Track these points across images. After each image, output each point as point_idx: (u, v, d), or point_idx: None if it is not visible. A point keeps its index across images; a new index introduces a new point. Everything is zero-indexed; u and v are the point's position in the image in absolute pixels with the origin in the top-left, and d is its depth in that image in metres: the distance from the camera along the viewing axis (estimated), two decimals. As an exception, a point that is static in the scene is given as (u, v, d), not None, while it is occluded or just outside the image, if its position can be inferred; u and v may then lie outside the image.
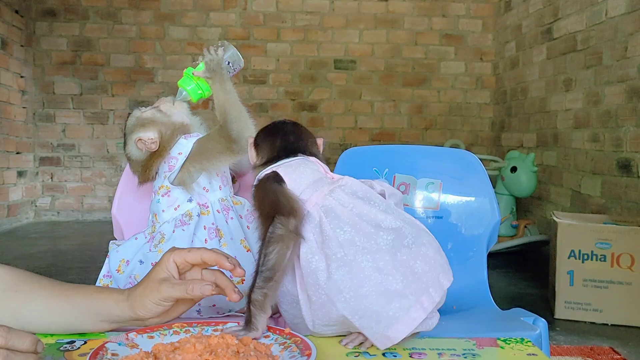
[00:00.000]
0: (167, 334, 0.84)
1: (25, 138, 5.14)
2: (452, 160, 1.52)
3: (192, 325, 0.86)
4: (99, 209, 5.40)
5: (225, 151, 1.38)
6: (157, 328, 0.85)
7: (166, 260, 0.89)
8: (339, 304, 0.83)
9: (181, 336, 0.83)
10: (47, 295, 0.89)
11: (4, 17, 4.75)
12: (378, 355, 0.84)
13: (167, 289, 0.86)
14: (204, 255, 0.90)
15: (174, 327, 0.86)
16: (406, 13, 5.48)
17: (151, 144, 1.40)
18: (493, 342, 0.89)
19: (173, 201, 1.40)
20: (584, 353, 2.07)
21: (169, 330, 0.85)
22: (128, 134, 1.45)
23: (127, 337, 0.80)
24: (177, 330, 0.85)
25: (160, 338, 0.82)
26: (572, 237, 2.51)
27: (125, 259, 1.37)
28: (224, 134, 1.38)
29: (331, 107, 5.51)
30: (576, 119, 3.81)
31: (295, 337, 0.82)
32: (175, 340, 0.81)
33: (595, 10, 3.54)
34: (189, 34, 5.40)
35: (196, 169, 1.39)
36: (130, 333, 0.82)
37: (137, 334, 0.82)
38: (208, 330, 0.86)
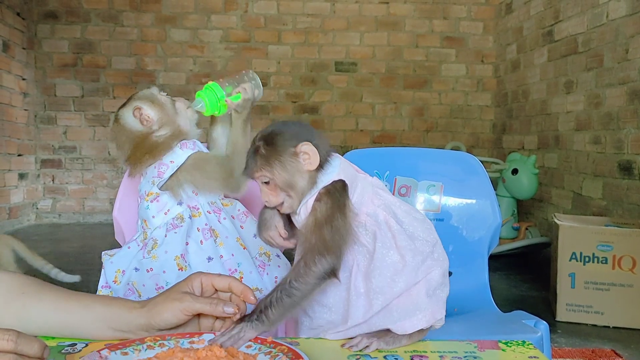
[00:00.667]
0: (141, 349, 0.80)
1: (26, 140, 5.14)
2: (453, 163, 1.53)
3: (166, 339, 0.83)
4: (100, 211, 5.40)
5: (220, 180, 1.40)
6: (130, 343, 0.81)
7: (193, 278, 0.90)
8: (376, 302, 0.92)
9: (156, 350, 0.80)
10: (57, 298, 0.89)
11: (6, 20, 4.76)
12: (379, 357, 0.84)
13: (191, 300, 0.85)
14: (232, 283, 0.91)
15: (147, 341, 0.82)
16: (407, 15, 5.49)
17: (145, 121, 1.41)
18: (494, 344, 0.89)
19: (162, 206, 1.40)
20: (586, 356, 2.06)
21: (143, 345, 0.81)
22: (133, 99, 1.46)
23: (100, 355, 0.77)
24: (151, 344, 0.81)
25: (135, 354, 0.79)
26: (573, 240, 2.51)
27: (121, 269, 1.38)
28: (226, 165, 1.39)
29: (332, 109, 5.52)
30: (577, 121, 3.80)
31: (281, 346, 0.79)
32: (152, 354, 0.78)
33: (596, 12, 3.54)
34: (190, 36, 5.41)
35: (187, 182, 1.40)
36: (103, 350, 0.78)
37: (109, 350, 0.78)
38: (184, 342, 0.82)
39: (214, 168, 1.40)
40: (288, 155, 0.96)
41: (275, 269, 1.43)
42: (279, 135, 0.97)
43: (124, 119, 1.47)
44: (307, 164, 0.97)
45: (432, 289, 0.94)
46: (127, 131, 1.45)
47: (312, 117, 5.49)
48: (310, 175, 0.97)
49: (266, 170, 0.96)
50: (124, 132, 1.46)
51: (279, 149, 0.96)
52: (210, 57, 5.42)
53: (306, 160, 0.96)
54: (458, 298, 1.05)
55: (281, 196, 0.96)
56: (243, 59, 5.43)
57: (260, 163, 0.96)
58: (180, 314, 0.85)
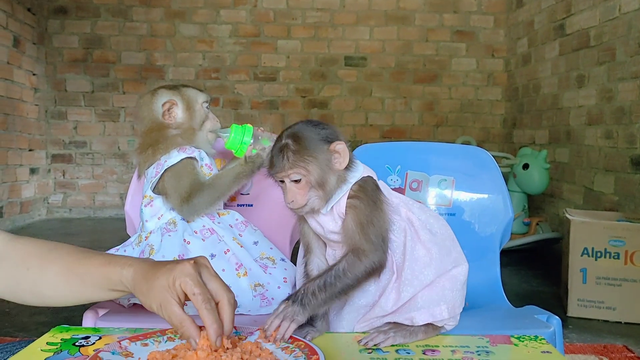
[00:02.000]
0: (161, 340, 0.81)
1: (37, 135, 5.18)
2: (465, 157, 1.52)
3: None
4: (110, 206, 5.43)
5: (179, 199, 1.39)
6: (151, 335, 0.82)
7: (175, 277, 0.78)
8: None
9: (176, 342, 0.80)
10: (57, 272, 0.90)
11: (17, 15, 4.79)
12: (391, 352, 0.84)
13: (162, 310, 0.78)
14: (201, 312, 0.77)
15: (168, 332, 0.83)
16: (417, 9, 5.46)
17: (168, 116, 1.46)
18: (507, 339, 0.88)
19: (156, 211, 1.42)
20: (597, 351, 2.05)
21: (163, 337, 0.82)
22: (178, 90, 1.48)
23: (120, 346, 0.78)
24: (172, 336, 0.82)
25: (155, 345, 0.80)
26: (585, 235, 2.49)
27: None
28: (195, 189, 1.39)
29: (342, 104, 5.50)
30: (589, 115, 3.77)
31: (298, 341, 0.80)
32: (171, 347, 0.78)
33: (609, 5, 3.51)
34: (199, 31, 5.41)
35: (168, 185, 1.40)
36: (124, 341, 0.79)
37: (130, 341, 0.79)
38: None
39: (184, 184, 1.40)
40: (322, 153, 0.95)
41: (282, 271, 1.42)
42: (310, 133, 0.96)
43: (155, 100, 1.49)
44: (338, 163, 0.97)
45: (456, 284, 0.98)
46: (150, 110, 1.47)
47: (321, 111, 5.49)
48: (339, 174, 0.97)
49: (300, 167, 0.94)
50: (148, 109, 1.48)
51: (313, 146, 0.95)
52: (220, 52, 5.42)
53: (337, 159, 0.96)
54: (470, 293, 1.05)
55: (308, 196, 0.95)
56: (252, 54, 5.43)
57: (293, 160, 0.94)
58: (158, 314, 0.80)
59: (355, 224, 0.95)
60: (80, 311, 1.22)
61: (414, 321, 0.94)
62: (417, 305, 0.95)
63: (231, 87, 5.42)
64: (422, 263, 0.97)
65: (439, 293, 0.97)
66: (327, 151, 0.96)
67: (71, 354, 0.79)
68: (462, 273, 1.00)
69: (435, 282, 0.97)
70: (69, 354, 0.79)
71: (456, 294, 0.98)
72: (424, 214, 1.04)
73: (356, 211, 0.96)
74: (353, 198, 0.97)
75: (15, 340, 1.01)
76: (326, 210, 0.98)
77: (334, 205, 0.98)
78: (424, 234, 1.00)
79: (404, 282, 0.96)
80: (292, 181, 0.95)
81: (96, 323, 1.20)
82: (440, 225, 1.04)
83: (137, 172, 1.52)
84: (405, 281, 0.96)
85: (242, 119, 5.39)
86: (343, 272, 0.92)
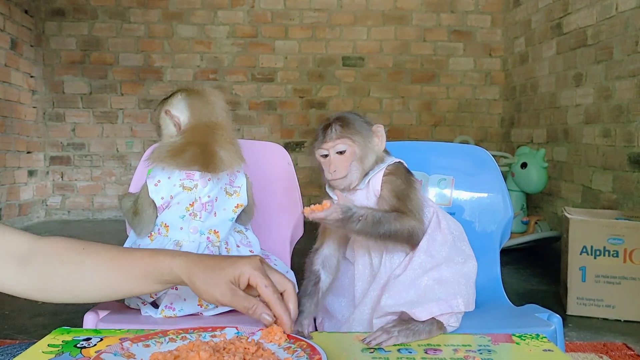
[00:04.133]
0: (163, 341, 0.81)
1: (35, 137, 5.17)
2: (464, 157, 1.52)
3: (189, 332, 0.84)
4: (109, 208, 5.43)
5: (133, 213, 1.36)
6: (153, 336, 0.82)
7: (243, 271, 0.86)
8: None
9: (178, 343, 0.80)
10: (96, 263, 0.90)
11: (14, 18, 4.78)
12: (393, 351, 0.84)
13: (229, 298, 0.85)
14: (272, 303, 0.85)
15: (170, 334, 0.83)
16: (414, 9, 5.46)
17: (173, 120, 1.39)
18: (508, 338, 0.88)
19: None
20: (597, 349, 2.06)
21: (165, 338, 0.82)
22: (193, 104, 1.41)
23: (122, 347, 0.78)
24: (174, 337, 0.82)
25: (157, 346, 0.80)
26: (584, 233, 2.50)
27: None
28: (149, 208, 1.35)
29: (339, 104, 5.51)
30: (587, 114, 3.78)
31: (300, 342, 0.80)
32: (173, 347, 0.78)
33: (606, 4, 3.52)
34: (197, 32, 5.41)
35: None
36: (125, 342, 0.79)
37: (131, 343, 0.79)
38: (205, 336, 0.83)
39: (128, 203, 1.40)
40: (365, 131, 1.07)
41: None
42: (354, 116, 1.09)
43: (161, 123, 1.44)
44: (377, 145, 1.08)
45: (469, 280, 1.04)
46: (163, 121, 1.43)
47: (319, 112, 5.49)
48: (377, 157, 1.08)
49: (347, 138, 1.05)
50: (160, 135, 1.44)
51: (357, 125, 1.07)
52: (217, 52, 5.42)
53: (377, 141, 1.08)
54: (470, 292, 1.06)
55: (349, 168, 1.04)
56: (250, 55, 5.43)
57: (341, 132, 1.05)
58: (216, 303, 0.87)
59: (392, 195, 1.04)
60: (80, 313, 1.22)
61: (432, 311, 0.96)
62: (435, 296, 0.98)
63: (229, 88, 5.42)
64: (439, 243, 1.04)
65: (455, 287, 1.01)
66: (370, 131, 1.08)
67: (73, 356, 0.79)
68: (472, 270, 1.05)
69: (450, 278, 1.01)
70: (70, 355, 0.79)
71: (470, 290, 1.03)
72: (440, 210, 1.12)
73: (392, 185, 1.04)
74: (388, 175, 1.06)
75: (16, 343, 1.01)
76: (363, 185, 1.06)
77: (370, 180, 1.06)
78: (444, 224, 1.07)
79: (424, 268, 1.02)
80: (337, 153, 1.05)
81: (97, 324, 1.20)
82: (457, 227, 1.11)
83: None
84: (420, 254, 1.03)
85: (240, 120, 5.39)
86: (395, 219, 1.00)
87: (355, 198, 1.06)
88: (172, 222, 1.33)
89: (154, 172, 1.34)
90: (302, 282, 1.08)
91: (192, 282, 0.87)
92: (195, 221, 1.33)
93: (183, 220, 1.32)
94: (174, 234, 1.32)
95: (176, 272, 0.88)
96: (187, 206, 1.32)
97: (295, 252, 1.60)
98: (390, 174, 1.06)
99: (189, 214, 1.32)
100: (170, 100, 1.40)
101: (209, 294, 0.86)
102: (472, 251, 1.09)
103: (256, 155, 1.55)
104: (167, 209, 1.33)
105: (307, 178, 5.48)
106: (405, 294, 0.98)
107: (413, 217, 1.02)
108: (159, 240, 1.32)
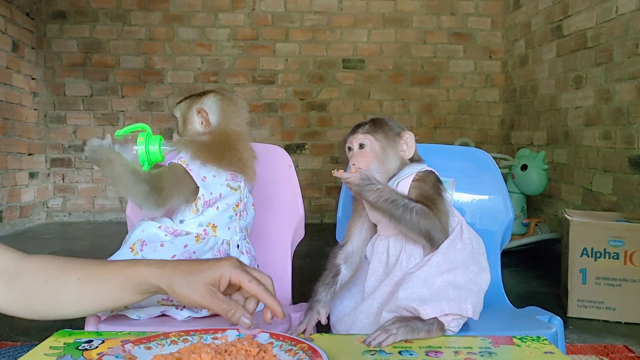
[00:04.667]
0: (165, 344, 0.81)
1: (36, 140, 5.17)
2: (465, 159, 1.52)
3: (190, 334, 0.84)
4: (109, 210, 5.43)
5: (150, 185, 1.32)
6: (154, 338, 0.82)
7: (223, 272, 0.87)
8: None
9: (179, 346, 0.80)
10: (77, 280, 0.91)
11: (15, 20, 4.79)
12: (394, 353, 0.84)
13: (209, 300, 0.86)
14: (260, 294, 0.87)
15: (171, 336, 0.83)
16: (415, 12, 5.47)
17: (205, 123, 1.41)
18: (509, 340, 0.88)
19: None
20: (598, 351, 2.06)
21: (167, 340, 0.82)
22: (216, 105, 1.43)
23: (124, 349, 0.77)
24: (175, 339, 0.82)
25: (159, 349, 0.80)
26: (584, 235, 2.50)
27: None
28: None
29: (340, 106, 5.51)
30: (587, 116, 3.78)
31: (301, 344, 0.80)
32: (175, 350, 0.79)
33: (606, 7, 3.52)
34: (197, 34, 5.42)
35: None
36: (127, 344, 0.79)
37: (133, 345, 0.79)
38: (207, 338, 0.83)
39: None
40: (392, 134, 1.13)
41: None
42: (387, 121, 1.16)
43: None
44: (404, 151, 1.13)
45: (480, 291, 1.06)
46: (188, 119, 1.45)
47: (320, 114, 5.49)
48: (402, 162, 1.13)
49: (370, 135, 1.12)
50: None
51: (387, 128, 1.14)
52: (218, 55, 5.42)
53: (404, 147, 1.13)
54: (471, 294, 1.06)
55: (369, 165, 1.09)
56: (251, 57, 5.44)
57: (367, 129, 1.13)
58: (196, 306, 0.88)
59: (418, 197, 1.07)
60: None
61: (443, 309, 0.98)
62: (447, 297, 1.00)
63: (230, 91, 5.40)
64: (459, 249, 1.07)
65: (467, 293, 1.03)
66: (397, 136, 1.13)
67: (74, 358, 0.79)
68: (484, 282, 1.08)
69: (463, 284, 1.04)
70: (72, 358, 0.80)
71: (479, 299, 1.05)
72: (467, 226, 1.14)
73: (420, 190, 1.08)
74: (418, 180, 1.10)
75: (17, 345, 1.01)
76: (391, 185, 1.09)
77: (399, 183, 1.10)
78: (466, 234, 1.10)
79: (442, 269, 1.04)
80: (359, 148, 1.11)
81: (99, 327, 1.20)
82: (478, 240, 1.14)
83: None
84: (439, 255, 1.05)
85: (240, 122, 5.38)
86: (412, 210, 1.03)
87: None
88: (220, 222, 1.35)
89: (193, 166, 1.33)
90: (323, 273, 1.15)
91: (171, 289, 0.87)
92: (240, 221, 1.38)
93: (231, 220, 1.36)
94: (222, 234, 1.35)
95: (153, 282, 0.88)
96: (234, 207, 1.36)
97: (296, 254, 1.61)
98: (419, 180, 1.09)
99: (235, 214, 1.36)
100: (203, 100, 1.43)
101: (189, 298, 0.86)
102: (489, 265, 1.11)
103: (257, 157, 1.55)
104: (211, 208, 1.33)
105: (308, 180, 5.49)
106: (418, 289, 1.01)
107: (435, 215, 1.05)
108: (209, 240, 1.33)
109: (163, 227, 1.33)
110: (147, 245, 1.29)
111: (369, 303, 1.08)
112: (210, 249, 1.32)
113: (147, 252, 1.28)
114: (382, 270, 1.12)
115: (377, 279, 1.11)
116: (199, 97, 1.44)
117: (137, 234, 1.32)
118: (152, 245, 1.29)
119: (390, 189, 1.06)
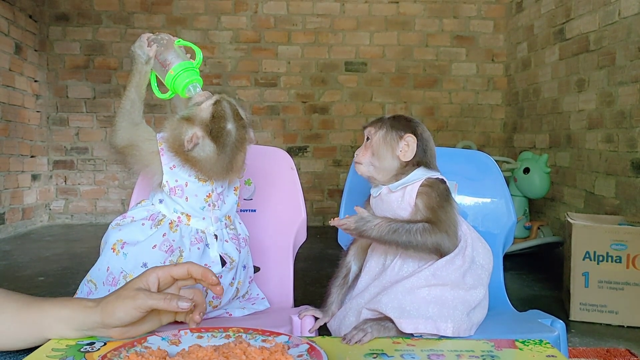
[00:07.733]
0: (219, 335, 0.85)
1: (39, 142, 5.18)
2: (467, 162, 1.52)
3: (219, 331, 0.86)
4: (112, 212, 5.43)
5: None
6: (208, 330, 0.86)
7: (149, 273, 0.89)
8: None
9: (180, 347, 0.81)
10: (18, 307, 0.89)
11: (18, 22, 4.80)
12: (396, 356, 0.84)
13: (144, 297, 0.85)
14: (190, 267, 0.90)
15: (172, 337, 0.85)
16: (417, 15, 5.48)
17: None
18: (511, 343, 0.88)
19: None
20: (600, 355, 2.05)
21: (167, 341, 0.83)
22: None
23: (125, 351, 0.78)
24: (175, 340, 0.84)
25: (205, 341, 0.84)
26: (587, 239, 2.49)
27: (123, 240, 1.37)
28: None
29: (342, 109, 5.51)
30: (589, 119, 3.78)
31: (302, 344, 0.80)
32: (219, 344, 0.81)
33: (608, 10, 3.52)
34: (200, 37, 5.43)
35: None
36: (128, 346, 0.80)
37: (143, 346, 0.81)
38: (206, 338, 0.85)
39: None
40: (393, 134, 1.14)
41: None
42: (401, 119, 1.18)
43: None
44: (403, 153, 1.12)
45: (467, 308, 1.05)
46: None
47: (322, 117, 5.50)
48: (401, 163, 1.12)
49: (373, 128, 1.16)
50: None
51: (392, 127, 1.15)
52: (221, 57, 5.43)
53: (404, 148, 1.12)
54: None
55: (366, 158, 1.12)
56: (253, 60, 5.44)
57: (375, 122, 1.17)
58: (134, 312, 0.85)
59: (425, 207, 1.07)
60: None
61: (418, 328, 0.99)
62: (427, 313, 0.99)
63: (232, 93, 5.42)
64: (455, 267, 1.06)
65: (450, 312, 1.01)
66: (398, 136, 1.13)
67: (77, 360, 0.80)
68: (475, 298, 1.06)
69: (449, 301, 1.02)
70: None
71: (464, 318, 1.03)
72: (478, 242, 1.13)
73: (427, 197, 1.07)
74: (425, 187, 1.09)
75: (20, 347, 1.01)
76: (395, 187, 1.10)
77: (407, 187, 1.09)
78: (469, 251, 1.08)
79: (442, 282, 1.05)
80: (366, 139, 1.15)
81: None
82: (485, 257, 1.12)
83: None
84: (431, 269, 1.05)
85: (243, 125, 5.38)
86: (416, 232, 1.02)
87: (391, 200, 1.11)
88: (193, 213, 1.35)
89: (167, 156, 1.35)
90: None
91: (104, 324, 0.86)
92: (215, 211, 1.36)
93: (204, 211, 1.35)
94: (196, 223, 1.35)
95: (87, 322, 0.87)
96: (204, 197, 1.35)
97: (298, 256, 1.61)
98: (427, 186, 1.09)
99: (207, 205, 1.35)
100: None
101: (116, 318, 0.85)
102: (489, 280, 1.12)
103: (259, 159, 1.55)
104: (181, 199, 1.33)
105: (310, 183, 5.49)
106: (401, 297, 1.00)
107: (443, 229, 1.04)
108: (182, 230, 1.33)
109: (137, 219, 1.37)
110: (127, 243, 1.32)
111: (357, 301, 1.10)
112: (187, 238, 1.32)
113: (128, 249, 1.31)
114: (378, 271, 1.13)
115: (371, 278, 1.13)
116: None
117: (115, 234, 1.35)
118: (131, 241, 1.32)
119: (387, 219, 1.05)
